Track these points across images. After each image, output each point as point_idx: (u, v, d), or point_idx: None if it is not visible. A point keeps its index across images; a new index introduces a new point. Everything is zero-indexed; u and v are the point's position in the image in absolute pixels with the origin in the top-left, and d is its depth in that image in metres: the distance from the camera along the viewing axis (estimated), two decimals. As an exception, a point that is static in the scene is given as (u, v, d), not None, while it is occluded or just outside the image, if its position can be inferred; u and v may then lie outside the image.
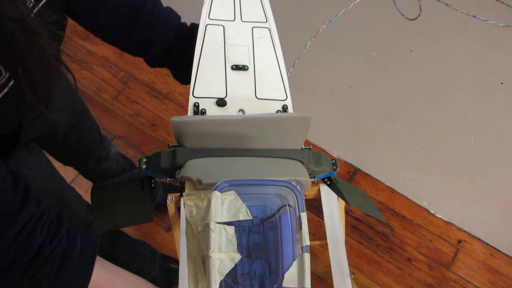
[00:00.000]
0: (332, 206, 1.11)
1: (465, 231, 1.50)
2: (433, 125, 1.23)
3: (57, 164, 1.01)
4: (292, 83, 0.67)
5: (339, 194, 0.63)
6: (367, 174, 1.60)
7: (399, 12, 0.63)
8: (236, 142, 0.56)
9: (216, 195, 0.47)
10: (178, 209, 1.04)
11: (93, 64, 1.85)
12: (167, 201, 1.01)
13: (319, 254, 1.45)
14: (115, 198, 0.65)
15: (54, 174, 0.86)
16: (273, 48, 0.67)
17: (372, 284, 1.42)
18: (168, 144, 0.58)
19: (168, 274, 1.29)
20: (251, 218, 0.48)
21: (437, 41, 1.01)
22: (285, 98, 0.64)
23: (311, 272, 1.55)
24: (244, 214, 0.48)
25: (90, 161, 1.13)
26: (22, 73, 0.44)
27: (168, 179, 0.58)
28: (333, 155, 1.62)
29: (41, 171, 0.81)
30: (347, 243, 1.06)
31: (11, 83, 0.50)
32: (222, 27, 0.67)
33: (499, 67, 0.97)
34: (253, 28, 0.68)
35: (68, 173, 1.36)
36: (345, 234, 1.10)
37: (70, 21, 0.66)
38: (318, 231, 1.49)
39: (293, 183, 0.49)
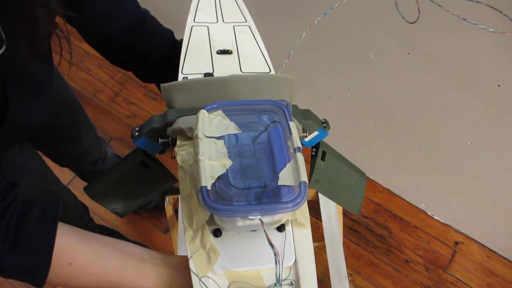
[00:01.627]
0: (330, 208, 1.11)
1: (462, 233, 1.50)
2: (431, 127, 1.23)
3: (53, 166, 1.00)
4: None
5: (311, 169, 0.61)
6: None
7: (400, 15, 0.63)
8: (224, 99, 0.56)
9: (203, 113, 0.48)
10: (176, 211, 1.04)
11: (90, 65, 1.85)
12: (165, 203, 1.01)
13: (317, 255, 1.43)
14: (123, 185, 0.64)
15: (48, 174, 0.86)
16: (253, 38, 0.71)
17: (369, 286, 1.42)
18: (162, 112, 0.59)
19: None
20: (240, 131, 0.48)
21: (434, 44, 1.01)
22: (269, 71, 0.66)
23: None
24: (233, 130, 0.48)
25: (86, 162, 1.12)
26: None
27: (160, 140, 0.57)
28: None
29: (35, 171, 0.81)
30: (344, 244, 1.06)
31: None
32: (206, 27, 0.71)
33: (496, 69, 0.97)
34: (235, 26, 0.72)
35: (65, 174, 1.36)
36: (343, 235, 1.10)
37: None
38: (315, 232, 1.48)
39: (278, 101, 0.50)
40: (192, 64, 0.65)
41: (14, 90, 0.55)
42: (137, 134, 0.58)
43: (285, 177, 0.44)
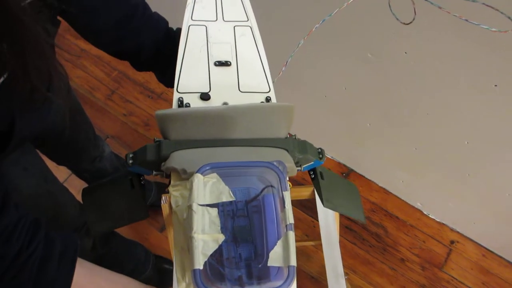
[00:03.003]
0: (326, 207, 1.11)
1: (458, 232, 1.51)
2: (427, 127, 1.24)
3: (50, 164, 1.00)
4: (286, 84, 0.67)
5: (318, 190, 0.62)
6: (361, 175, 1.60)
7: (394, 17, 0.63)
8: (220, 132, 0.56)
9: (198, 178, 0.47)
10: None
11: (87, 62, 1.84)
12: (161, 201, 1.01)
13: (313, 254, 1.45)
14: (107, 200, 0.65)
15: (48, 174, 0.86)
16: (254, 44, 0.68)
17: (365, 284, 1.42)
18: (154, 139, 0.58)
19: (161, 275, 1.29)
20: (234, 199, 0.48)
21: (431, 43, 1.02)
22: (268, 90, 0.64)
23: (305, 272, 1.56)
24: (227, 196, 0.48)
25: (84, 161, 1.12)
26: (16, 60, 0.43)
27: (154, 172, 0.57)
28: (327, 155, 1.63)
29: (36, 171, 0.80)
30: (340, 243, 1.06)
31: (4, 76, 0.49)
32: (204, 27, 0.68)
33: (493, 69, 0.97)
34: (235, 27, 0.69)
35: (61, 173, 1.35)
36: (339, 234, 1.10)
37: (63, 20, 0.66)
38: (311, 231, 1.49)
39: (275, 164, 0.49)
40: (188, 79, 0.63)
41: (20, 108, 0.55)
42: (131, 162, 0.57)
43: (275, 257, 0.44)
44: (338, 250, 1.07)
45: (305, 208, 1.53)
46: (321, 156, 0.60)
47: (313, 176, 0.63)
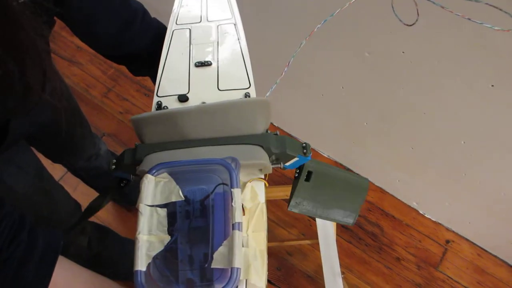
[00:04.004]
0: (323, 206, 1.11)
1: (454, 232, 1.51)
2: (424, 126, 1.24)
3: (46, 162, 0.99)
4: (284, 83, 0.66)
5: (292, 191, 0.58)
6: (357, 174, 1.60)
7: (397, 18, 0.63)
8: (194, 132, 0.55)
9: (148, 178, 0.47)
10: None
11: (83, 60, 1.83)
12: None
13: (309, 253, 1.45)
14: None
15: (43, 172, 0.85)
16: (237, 41, 0.67)
17: (361, 283, 1.42)
18: (135, 144, 0.57)
19: None
20: (183, 199, 0.47)
21: (429, 43, 1.02)
22: (248, 86, 0.63)
23: (301, 271, 1.56)
24: (176, 196, 0.47)
25: (80, 159, 1.11)
26: (11, 59, 0.43)
27: (131, 176, 0.57)
28: (324, 155, 1.63)
29: (30, 170, 0.80)
30: (336, 242, 1.06)
31: None
32: (188, 30, 0.68)
33: (490, 70, 0.97)
34: (219, 26, 0.68)
35: (56, 170, 1.34)
36: (335, 233, 1.10)
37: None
38: (308, 230, 1.49)
39: (226, 160, 0.48)
40: (168, 83, 0.63)
41: (14, 107, 0.54)
42: (113, 167, 0.57)
43: (219, 258, 0.43)
44: (335, 249, 1.07)
45: (302, 207, 1.53)
46: (305, 151, 0.57)
47: (296, 175, 0.59)
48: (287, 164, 0.57)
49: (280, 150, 0.55)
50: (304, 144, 0.57)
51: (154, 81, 0.74)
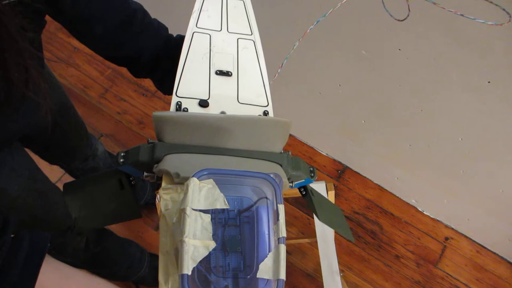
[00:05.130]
0: (321, 204, 1.11)
1: (452, 229, 1.51)
2: (421, 124, 1.24)
3: (43, 163, 0.99)
4: (281, 81, 0.67)
5: (311, 206, 0.62)
6: (356, 172, 1.60)
7: (388, 14, 0.63)
8: (215, 140, 0.56)
9: (194, 182, 0.47)
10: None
11: (80, 61, 1.83)
12: (156, 199, 1.01)
13: (308, 252, 1.45)
14: (94, 198, 0.64)
15: (37, 174, 0.85)
16: (256, 58, 0.68)
17: (360, 281, 1.42)
18: (148, 140, 0.57)
19: (156, 274, 1.28)
20: (229, 207, 0.47)
21: (425, 40, 1.02)
22: (266, 104, 0.64)
23: (300, 269, 1.56)
24: (221, 203, 0.47)
25: (76, 160, 1.11)
26: None
27: (145, 173, 0.57)
28: (322, 153, 1.63)
29: (24, 171, 0.79)
30: (335, 241, 1.06)
31: None
32: (208, 36, 0.68)
33: (486, 66, 0.97)
34: (239, 39, 0.68)
35: (54, 172, 1.34)
36: (334, 231, 1.10)
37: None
38: (307, 229, 1.49)
39: (271, 176, 0.49)
40: (188, 84, 0.63)
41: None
42: (122, 161, 0.56)
43: (265, 269, 0.44)
44: (333, 247, 1.07)
45: (301, 205, 1.53)
46: (312, 175, 0.60)
47: (304, 193, 0.63)
48: (296, 183, 0.61)
49: (296, 172, 0.57)
50: (311, 168, 0.60)
51: (155, 82, 0.74)
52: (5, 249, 0.50)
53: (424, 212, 1.54)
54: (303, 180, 0.60)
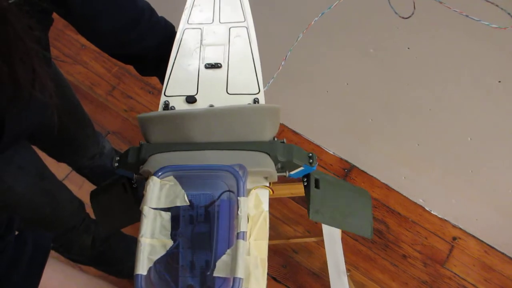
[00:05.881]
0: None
1: (460, 229, 1.50)
2: (430, 123, 1.23)
3: (50, 160, 0.99)
4: (288, 79, 0.66)
5: (307, 199, 0.58)
6: (363, 171, 1.59)
7: (393, 11, 0.62)
8: (201, 135, 0.54)
9: (153, 180, 0.46)
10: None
11: (87, 58, 1.83)
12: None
13: (314, 251, 1.44)
14: (108, 203, 0.65)
15: (45, 172, 0.85)
16: (249, 45, 0.66)
17: (367, 281, 1.42)
18: (140, 142, 0.57)
19: None
20: (188, 203, 0.46)
21: (435, 39, 1.01)
22: (257, 91, 0.62)
23: (306, 268, 1.55)
24: (181, 200, 0.46)
25: (83, 157, 1.11)
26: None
27: (134, 175, 0.56)
28: (329, 151, 1.62)
29: (31, 169, 0.80)
30: (342, 240, 1.06)
31: None
32: (200, 30, 0.67)
33: (497, 65, 0.96)
34: (231, 28, 0.68)
35: (61, 169, 1.34)
36: (341, 231, 1.09)
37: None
38: (313, 227, 1.49)
39: (233, 167, 0.47)
40: (176, 83, 0.62)
41: (6, 105, 0.54)
42: (116, 165, 0.57)
43: (222, 267, 0.42)
44: (340, 246, 1.06)
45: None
46: (311, 161, 0.56)
47: (305, 184, 0.59)
48: (292, 173, 0.57)
49: (286, 158, 0.54)
50: (310, 154, 0.56)
51: (161, 81, 0.74)
52: (9, 250, 0.50)
53: (432, 212, 1.53)
54: (302, 168, 0.56)
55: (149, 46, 0.68)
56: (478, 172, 1.27)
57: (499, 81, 0.99)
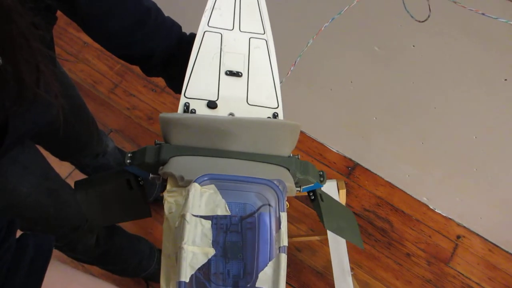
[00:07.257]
0: (333, 202, 1.10)
1: (464, 227, 1.50)
2: (434, 121, 1.22)
3: (53, 159, 0.99)
4: (292, 78, 0.65)
5: (318, 212, 0.61)
6: (367, 169, 1.59)
7: (409, 15, 0.62)
8: (223, 143, 0.55)
9: (195, 187, 0.46)
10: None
11: (89, 56, 1.83)
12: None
13: (318, 249, 1.44)
14: (104, 197, 0.64)
15: (49, 171, 0.84)
16: (268, 58, 0.66)
17: (371, 279, 1.41)
18: (155, 141, 0.57)
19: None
20: (229, 214, 0.46)
21: (440, 37, 1.00)
22: (276, 106, 0.63)
23: (310, 267, 1.55)
24: (222, 209, 0.46)
25: (87, 156, 1.11)
26: (4, 55, 0.42)
27: (151, 175, 0.56)
28: (332, 149, 1.61)
29: (35, 169, 0.79)
30: (346, 239, 1.05)
31: None
32: (220, 35, 0.66)
33: (503, 63, 0.96)
34: (250, 39, 0.67)
35: (64, 167, 1.34)
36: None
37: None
38: (317, 226, 1.48)
39: (275, 183, 0.48)
40: (197, 85, 0.62)
41: (11, 105, 0.53)
42: (129, 162, 0.56)
43: (264, 278, 0.43)
44: (344, 245, 1.06)
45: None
46: (322, 179, 0.59)
47: (312, 198, 0.61)
48: (304, 187, 0.59)
49: (304, 175, 0.56)
50: (321, 172, 0.59)
51: (167, 82, 0.73)
52: (10, 253, 0.50)
53: (436, 210, 1.52)
54: (312, 185, 0.59)
55: (154, 47, 0.67)
56: (483, 170, 1.26)
57: (505, 79, 0.98)
